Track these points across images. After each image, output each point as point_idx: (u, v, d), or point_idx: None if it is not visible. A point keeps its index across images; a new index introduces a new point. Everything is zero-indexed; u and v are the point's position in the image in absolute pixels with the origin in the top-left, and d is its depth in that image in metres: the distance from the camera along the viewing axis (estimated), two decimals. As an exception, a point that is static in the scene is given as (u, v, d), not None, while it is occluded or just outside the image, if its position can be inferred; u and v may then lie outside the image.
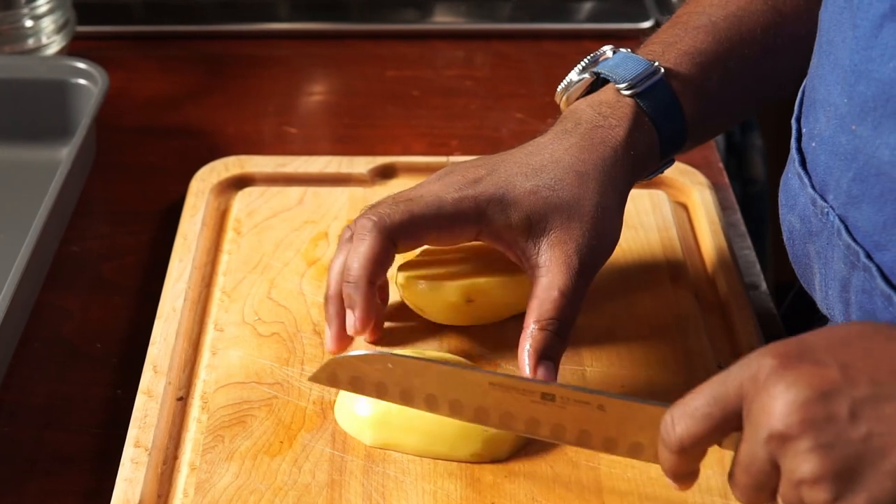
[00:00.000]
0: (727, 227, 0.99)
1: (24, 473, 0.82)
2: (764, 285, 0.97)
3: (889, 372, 0.61)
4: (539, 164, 0.81)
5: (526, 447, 0.78)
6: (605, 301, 0.90)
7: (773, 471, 0.63)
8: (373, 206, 0.80)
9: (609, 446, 0.72)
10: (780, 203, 0.80)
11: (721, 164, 1.10)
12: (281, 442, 0.78)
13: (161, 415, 0.81)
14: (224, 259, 0.94)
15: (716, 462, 0.77)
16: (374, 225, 0.77)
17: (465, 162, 0.83)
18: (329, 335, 0.82)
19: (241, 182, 1.02)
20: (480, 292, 0.84)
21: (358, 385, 0.75)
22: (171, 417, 0.81)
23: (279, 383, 0.83)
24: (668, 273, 0.93)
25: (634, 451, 0.71)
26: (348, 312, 0.80)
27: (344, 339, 0.82)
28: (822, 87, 0.74)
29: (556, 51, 1.27)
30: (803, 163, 0.77)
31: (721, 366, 0.84)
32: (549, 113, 1.17)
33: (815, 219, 0.75)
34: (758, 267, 0.98)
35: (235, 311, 0.88)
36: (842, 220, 0.72)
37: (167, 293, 0.90)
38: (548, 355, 0.77)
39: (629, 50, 0.86)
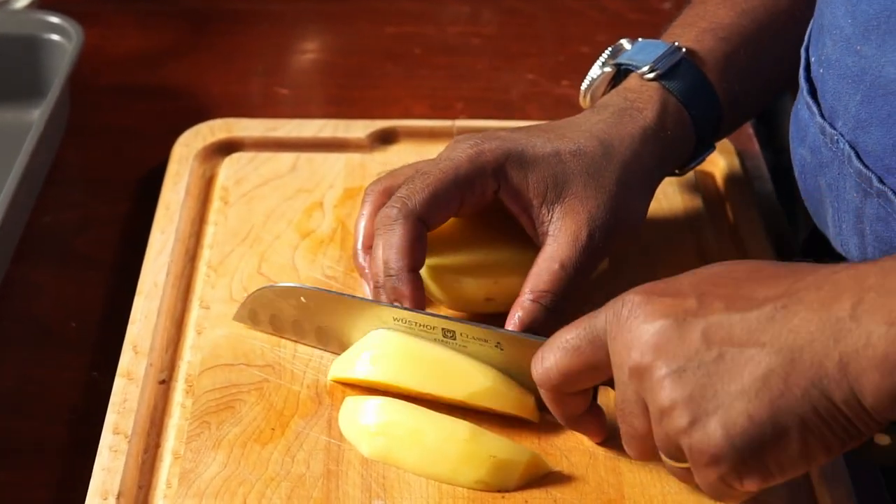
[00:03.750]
0: (757, 198, 0.99)
1: (-8, 463, 0.82)
2: (797, 253, 0.96)
3: (744, 298, 0.65)
4: (562, 132, 0.83)
5: (540, 479, 0.77)
6: (625, 276, 0.89)
7: (645, 413, 0.67)
8: (387, 179, 0.84)
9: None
10: (790, 137, 0.83)
11: (751, 131, 1.10)
12: (272, 429, 0.78)
13: (142, 399, 0.81)
14: (210, 231, 0.94)
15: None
16: (400, 212, 0.79)
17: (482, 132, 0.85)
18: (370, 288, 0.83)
19: (228, 147, 1.02)
20: (502, 292, 0.83)
21: (277, 323, 0.83)
22: (152, 402, 0.81)
23: (270, 365, 0.82)
24: (693, 247, 0.93)
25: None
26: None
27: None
28: (828, 10, 0.77)
29: (571, 6, 1.27)
30: (812, 92, 0.79)
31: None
32: (563, 74, 1.17)
33: (825, 148, 0.77)
34: (791, 240, 0.98)
35: (222, 288, 0.88)
36: (852, 147, 0.75)
37: (148, 268, 0.90)
38: (534, 329, 0.79)
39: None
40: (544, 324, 0.79)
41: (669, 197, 0.96)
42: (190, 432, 0.78)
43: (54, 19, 1.08)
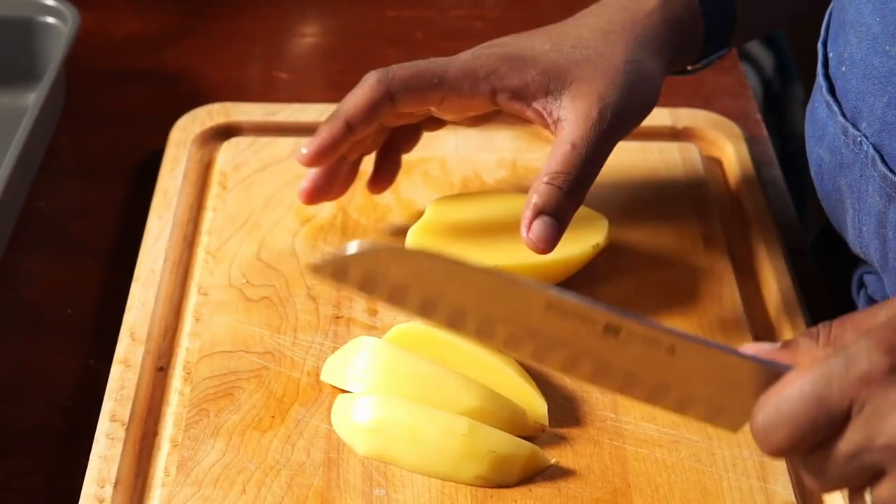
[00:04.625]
0: (766, 185, 0.99)
1: (-13, 451, 0.83)
2: (807, 248, 0.96)
3: None
4: (562, 31, 0.84)
5: (544, 470, 0.77)
6: (631, 264, 0.90)
7: (875, 472, 0.61)
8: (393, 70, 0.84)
9: (684, 406, 0.66)
10: (806, 135, 0.81)
11: (759, 116, 1.10)
12: (272, 417, 0.79)
13: (139, 387, 0.81)
14: (208, 216, 0.94)
15: (753, 442, 0.77)
16: (378, 77, 0.82)
17: None
18: (314, 141, 0.84)
19: (226, 132, 1.02)
20: None
21: (369, 285, 0.65)
22: (150, 389, 0.81)
23: (270, 352, 0.83)
24: (699, 234, 0.93)
25: (713, 415, 0.66)
26: (308, 140, 0.84)
27: (324, 157, 0.85)
28: (853, 6, 0.75)
29: (576, -11, 1.27)
30: (832, 90, 0.77)
31: (759, 337, 0.84)
32: (568, 58, 1.17)
33: (846, 149, 0.75)
34: (800, 228, 0.98)
35: (221, 274, 0.88)
36: (876, 150, 0.73)
37: (145, 254, 0.91)
38: (550, 211, 0.78)
39: None
40: (557, 204, 0.79)
41: (675, 183, 0.96)
42: (188, 420, 0.78)
43: (50, 1, 1.08)
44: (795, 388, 0.60)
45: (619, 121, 0.80)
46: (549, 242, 0.79)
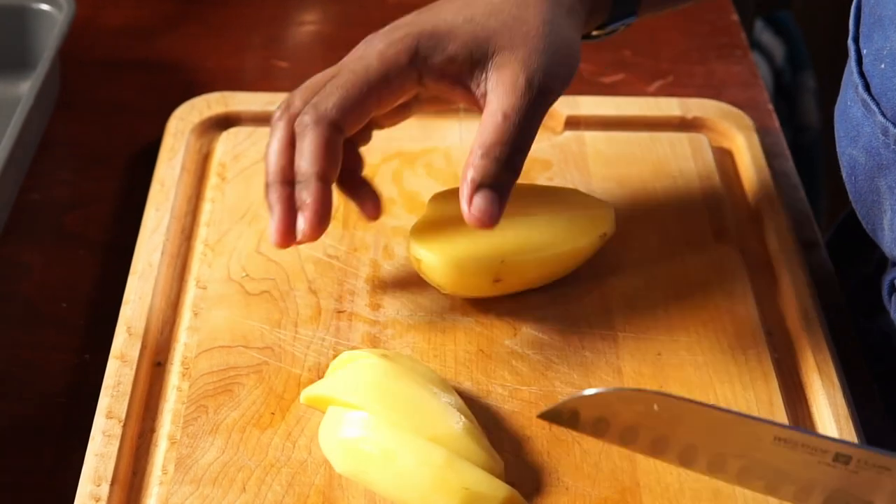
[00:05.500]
0: (777, 177, 0.98)
1: (-20, 448, 0.82)
2: (820, 242, 0.96)
3: None
4: (470, 1, 0.81)
5: (551, 467, 0.76)
6: (640, 258, 0.89)
7: None
8: (303, 91, 0.80)
9: None
10: (837, 136, 0.80)
11: (770, 106, 1.10)
12: (272, 413, 0.78)
13: (136, 382, 0.80)
14: (206, 208, 0.94)
15: (765, 439, 0.77)
16: (311, 118, 0.77)
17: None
18: (273, 225, 0.78)
19: (225, 122, 1.02)
20: (510, 272, 0.83)
21: (601, 428, 0.71)
22: (147, 385, 0.81)
23: (270, 348, 0.82)
24: (710, 227, 0.92)
25: None
26: (299, 215, 0.78)
27: (291, 233, 0.79)
28: (892, 1, 0.74)
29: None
30: (868, 88, 0.76)
31: (771, 333, 0.84)
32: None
33: (885, 150, 0.75)
34: (813, 221, 0.98)
35: (220, 267, 0.88)
36: None
37: (142, 246, 0.90)
38: (490, 184, 0.77)
39: None
40: (495, 176, 0.77)
41: (685, 174, 0.96)
42: (186, 416, 0.78)
43: (44, -11, 1.08)
44: None
45: (547, 86, 0.79)
46: (492, 217, 0.78)
